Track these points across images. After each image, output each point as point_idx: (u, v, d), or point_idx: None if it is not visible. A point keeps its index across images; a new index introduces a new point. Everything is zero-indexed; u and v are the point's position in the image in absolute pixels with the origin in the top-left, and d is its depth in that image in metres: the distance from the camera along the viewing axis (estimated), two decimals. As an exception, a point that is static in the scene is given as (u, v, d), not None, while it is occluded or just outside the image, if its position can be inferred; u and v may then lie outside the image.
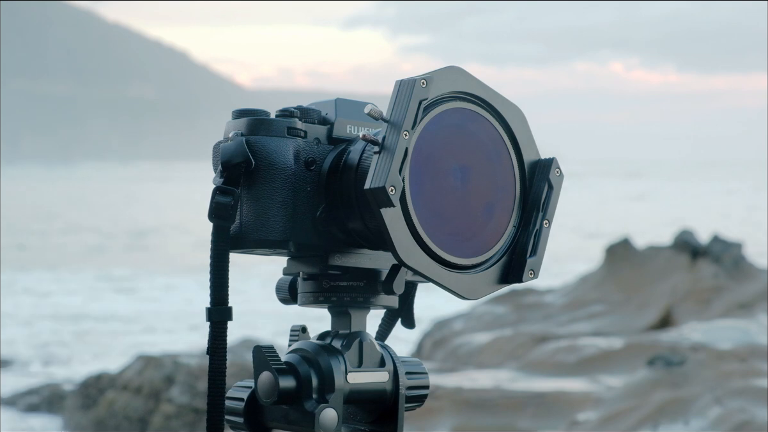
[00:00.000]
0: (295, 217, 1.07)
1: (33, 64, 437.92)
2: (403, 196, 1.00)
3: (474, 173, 1.06)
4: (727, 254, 10.14)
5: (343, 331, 1.11)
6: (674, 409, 6.38)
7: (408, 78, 1.00)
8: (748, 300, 9.36)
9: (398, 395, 1.11)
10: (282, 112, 1.10)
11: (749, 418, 5.98)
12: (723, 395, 6.37)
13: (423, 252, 1.02)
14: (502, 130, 1.07)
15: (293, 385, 1.06)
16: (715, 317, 8.86)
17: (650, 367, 6.98)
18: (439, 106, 1.03)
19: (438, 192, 1.04)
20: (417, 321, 1.22)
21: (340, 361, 1.08)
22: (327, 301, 1.12)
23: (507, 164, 1.08)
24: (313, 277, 1.12)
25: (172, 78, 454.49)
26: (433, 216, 1.03)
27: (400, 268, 1.06)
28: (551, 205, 1.08)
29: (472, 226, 1.06)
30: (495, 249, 1.06)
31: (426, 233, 1.01)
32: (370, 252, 1.11)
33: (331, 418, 1.05)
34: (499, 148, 1.07)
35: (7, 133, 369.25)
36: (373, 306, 1.12)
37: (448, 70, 1.04)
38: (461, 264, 1.04)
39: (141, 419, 7.34)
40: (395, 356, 1.12)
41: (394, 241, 1.00)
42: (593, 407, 6.55)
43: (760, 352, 7.12)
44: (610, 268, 10.02)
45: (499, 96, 1.07)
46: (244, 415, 1.10)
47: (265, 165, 1.07)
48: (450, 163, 1.04)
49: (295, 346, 1.11)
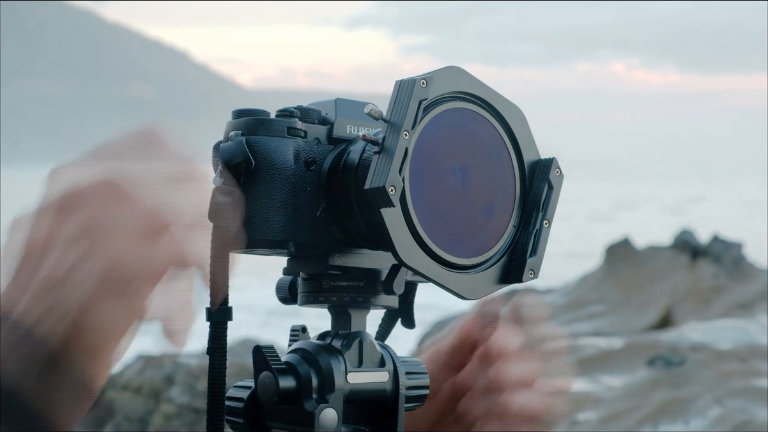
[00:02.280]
0: (295, 217, 1.07)
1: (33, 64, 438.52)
2: (403, 196, 1.00)
3: (474, 173, 1.06)
4: (727, 254, 10.14)
5: (343, 331, 1.11)
6: (674, 409, 6.38)
7: (408, 78, 1.00)
8: (748, 300, 9.37)
9: (398, 395, 1.11)
10: (282, 112, 1.10)
11: (749, 418, 5.98)
12: (723, 395, 6.37)
13: (423, 252, 1.02)
14: (502, 130, 1.07)
15: (293, 385, 1.07)
16: (715, 317, 8.86)
17: (650, 367, 6.98)
18: (439, 106, 1.03)
19: (438, 192, 1.04)
20: (418, 322, 1.22)
21: (340, 361, 1.08)
22: (327, 301, 1.12)
23: (507, 164, 1.08)
24: (313, 277, 1.12)
25: (172, 78, 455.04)
26: (433, 216, 1.03)
27: (400, 268, 1.06)
28: (551, 205, 1.08)
29: (472, 226, 1.06)
30: (495, 249, 1.06)
31: (426, 233, 1.01)
32: (370, 252, 1.11)
33: (331, 418, 1.05)
34: (499, 148, 1.07)
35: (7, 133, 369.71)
36: (373, 306, 1.12)
37: (448, 70, 1.04)
38: (461, 264, 1.04)
39: (141, 419, 7.34)
40: (395, 356, 1.12)
41: (394, 241, 1.00)
42: (593, 407, 6.56)
43: (760, 352, 7.12)
44: (610, 268, 10.03)
45: (499, 96, 1.07)
46: (244, 415, 1.10)
47: (265, 165, 1.07)
48: (450, 163, 1.05)
49: (295, 346, 1.11)
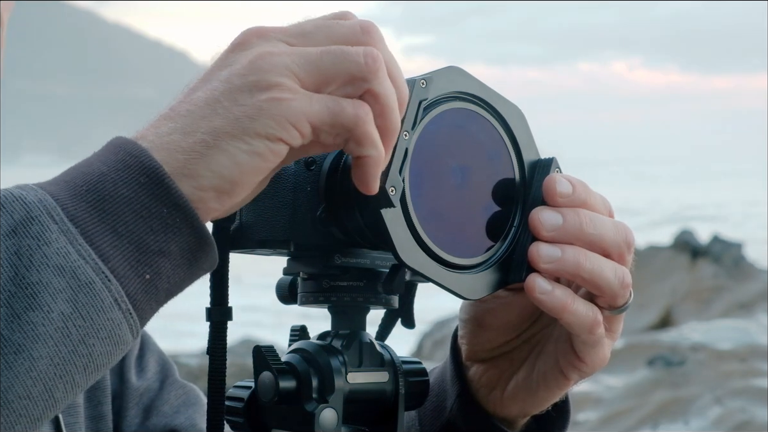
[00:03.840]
0: (295, 217, 1.07)
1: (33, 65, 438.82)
2: (403, 196, 1.00)
3: (474, 173, 1.06)
4: (727, 254, 10.15)
5: (343, 331, 1.11)
6: (674, 409, 6.39)
7: (408, 78, 1.00)
8: (748, 300, 9.38)
9: (398, 395, 1.11)
10: (282, 112, 1.10)
11: (749, 418, 5.99)
12: (723, 395, 6.38)
13: (423, 252, 1.02)
14: (501, 130, 1.07)
15: (293, 385, 1.07)
16: (715, 317, 8.87)
17: (650, 367, 6.99)
18: (439, 106, 1.03)
19: (438, 192, 1.04)
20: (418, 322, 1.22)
21: (340, 361, 1.08)
22: (327, 301, 1.12)
23: (507, 164, 1.08)
24: (312, 276, 1.12)
25: (172, 78, 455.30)
26: (433, 216, 1.03)
27: (400, 268, 1.06)
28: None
29: (472, 226, 1.06)
30: (495, 249, 1.06)
31: (426, 233, 1.01)
32: (370, 252, 1.11)
33: (331, 418, 1.05)
34: (499, 148, 1.07)
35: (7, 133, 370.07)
36: (373, 306, 1.12)
37: (447, 71, 1.04)
38: (461, 264, 1.04)
39: (141, 419, 7.33)
40: (395, 356, 1.12)
41: (394, 241, 1.00)
42: (593, 407, 6.57)
43: (760, 352, 7.13)
44: (610, 268, 10.01)
45: (498, 96, 1.07)
46: (244, 415, 1.10)
47: (265, 165, 1.07)
48: (450, 163, 1.05)
49: (295, 346, 1.11)
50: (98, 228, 0.84)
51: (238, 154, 0.87)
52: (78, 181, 0.86)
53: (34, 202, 0.84)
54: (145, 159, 0.86)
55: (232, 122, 0.87)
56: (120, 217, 0.85)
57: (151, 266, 0.86)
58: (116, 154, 0.87)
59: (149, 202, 0.86)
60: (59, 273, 0.82)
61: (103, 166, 0.87)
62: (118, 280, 0.84)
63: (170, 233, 0.86)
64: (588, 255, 1.01)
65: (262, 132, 0.87)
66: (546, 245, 1.01)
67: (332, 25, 0.92)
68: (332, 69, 0.89)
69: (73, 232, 0.84)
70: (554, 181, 1.03)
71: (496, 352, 1.14)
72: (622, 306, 1.04)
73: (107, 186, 0.86)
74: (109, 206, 0.85)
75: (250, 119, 0.87)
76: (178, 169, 0.87)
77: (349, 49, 0.89)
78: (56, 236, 0.83)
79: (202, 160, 0.87)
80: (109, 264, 0.84)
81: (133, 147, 0.87)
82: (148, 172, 0.86)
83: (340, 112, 0.89)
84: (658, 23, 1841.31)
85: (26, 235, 0.82)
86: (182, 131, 0.87)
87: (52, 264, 0.82)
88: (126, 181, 0.86)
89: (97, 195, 0.85)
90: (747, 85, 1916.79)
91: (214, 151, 0.87)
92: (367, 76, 0.89)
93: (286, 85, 0.87)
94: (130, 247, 0.85)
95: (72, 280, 0.82)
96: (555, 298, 1.00)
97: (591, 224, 1.02)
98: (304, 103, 0.88)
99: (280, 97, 0.87)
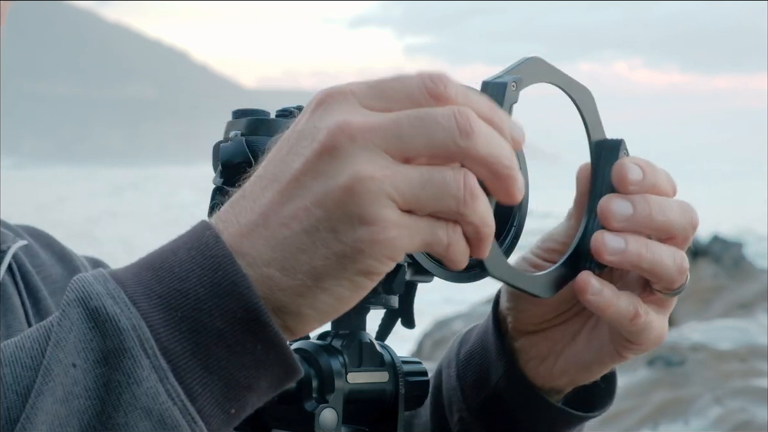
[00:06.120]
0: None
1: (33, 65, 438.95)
2: None
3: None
4: (727, 254, 10.16)
5: (343, 330, 1.11)
6: (674, 409, 6.39)
7: (495, 81, 0.96)
8: (748, 300, 9.38)
9: (398, 395, 1.11)
10: (282, 112, 1.10)
11: (749, 418, 5.99)
12: (723, 395, 6.38)
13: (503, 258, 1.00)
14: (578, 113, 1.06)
15: (293, 385, 1.06)
16: (715, 317, 8.88)
17: (650, 367, 7.00)
18: None
19: None
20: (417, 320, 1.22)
21: (340, 361, 1.08)
22: (327, 301, 1.12)
23: None
24: (313, 277, 1.12)
25: (172, 78, 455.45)
26: None
27: (401, 268, 1.05)
28: None
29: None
30: None
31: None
32: (369, 252, 1.10)
33: (330, 418, 1.05)
34: None
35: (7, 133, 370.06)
36: (372, 306, 1.12)
37: (532, 64, 1.01)
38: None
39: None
40: (395, 356, 1.12)
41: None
42: (593, 407, 6.54)
43: (760, 352, 7.13)
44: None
45: (570, 79, 1.04)
46: (244, 415, 1.10)
47: (264, 165, 1.07)
48: None
49: (295, 346, 1.11)
50: (190, 363, 0.80)
51: (340, 292, 0.83)
52: (172, 302, 0.81)
53: (128, 330, 0.79)
54: (246, 292, 0.81)
55: (335, 263, 0.82)
56: (212, 352, 0.81)
57: (237, 401, 0.83)
58: (214, 272, 0.81)
59: (244, 339, 0.81)
60: (146, 416, 0.79)
61: (200, 286, 0.81)
62: (203, 419, 0.81)
63: (261, 369, 0.83)
64: (649, 245, 0.97)
65: (364, 270, 0.82)
66: (612, 236, 0.97)
67: (428, 122, 0.82)
68: (433, 203, 0.82)
69: (164, 368, 0.79)
70: (625, 168, 0.99)
71: (546, 325, 1.10)
72: (677, 289, 1.01)
73: (203, 316, 0.81)
74: (203, 339, 0.81)
75: (352, 261, 0.82)
76: (278, 307, 0.83)
77: (450, 181, 0.82)
78: (147, 374, 0.79)
79: (305, 301, 0.83)
80: (196, 404, 0.80)
81: (233, 271, 0.81)
82: (247, 307, 0.81)
83: (437, 244, 0.84)
84: (658, 23, 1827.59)
85: (117, 369, 0.79)
86: (281, 266, 0.82)
87: (140, 406, 0.79)
88: (223, 314, 0.81)
89: (192, 325, 0.81)
90: (747, 85, 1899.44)
91: (316, 292, 0.83)
92: (462, 210, 0.83)
93: (389, 220, 0.81)
94: (220, 383, 0.81)
95: (158, 423, 0.79)
96: (603, 299, 0.98)
97: (660, 212, 0.98)
98: (405, 241, 0.82)
99: (383, 239, 0.81)
